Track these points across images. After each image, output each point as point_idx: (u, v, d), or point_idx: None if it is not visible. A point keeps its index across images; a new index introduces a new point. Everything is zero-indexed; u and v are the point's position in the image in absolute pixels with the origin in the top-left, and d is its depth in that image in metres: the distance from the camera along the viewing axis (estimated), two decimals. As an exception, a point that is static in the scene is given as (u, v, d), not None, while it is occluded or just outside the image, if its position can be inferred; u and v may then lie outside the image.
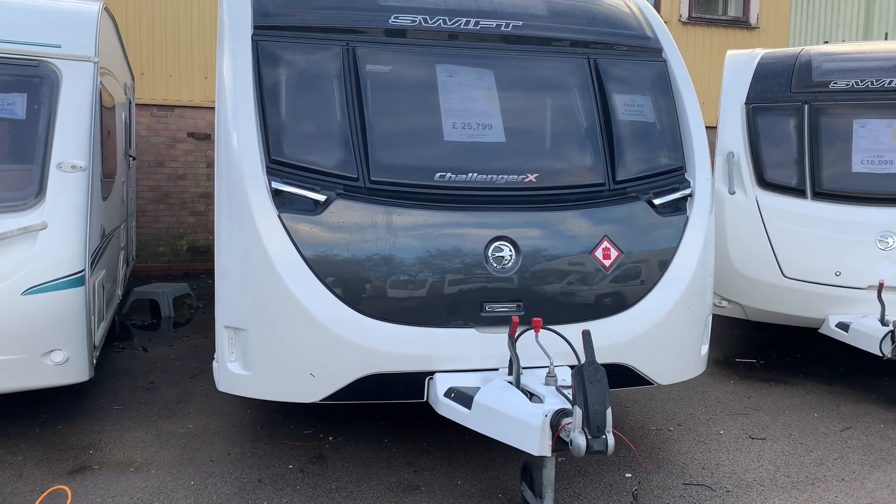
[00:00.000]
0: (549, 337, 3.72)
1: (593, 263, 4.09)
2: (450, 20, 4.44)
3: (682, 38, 13.49)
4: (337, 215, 3.85)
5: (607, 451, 2.96)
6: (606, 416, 2.97)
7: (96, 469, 4.26)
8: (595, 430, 2.94)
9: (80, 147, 4.49)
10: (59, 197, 4.31)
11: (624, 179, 4.31)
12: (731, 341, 7.67)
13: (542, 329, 3.65)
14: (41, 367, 4.21)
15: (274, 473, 4.23)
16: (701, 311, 4.41)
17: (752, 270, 6.31)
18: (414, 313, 3.88)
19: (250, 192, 3.81)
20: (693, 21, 13.61)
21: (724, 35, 13.80)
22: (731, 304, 6.51)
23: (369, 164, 3.98)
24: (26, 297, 4.09)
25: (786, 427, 5.14)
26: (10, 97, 4.51)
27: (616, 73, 4.57)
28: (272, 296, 3.79)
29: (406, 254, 3.88)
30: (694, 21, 13.62)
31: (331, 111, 4.06)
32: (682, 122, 4.56)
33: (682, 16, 13.50)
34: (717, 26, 13.81)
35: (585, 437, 2.94)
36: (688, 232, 4.32)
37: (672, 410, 5.44)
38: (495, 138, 4.25)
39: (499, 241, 3.98)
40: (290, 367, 3.82)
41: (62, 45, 4.73)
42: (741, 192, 6.43)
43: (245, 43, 4.12)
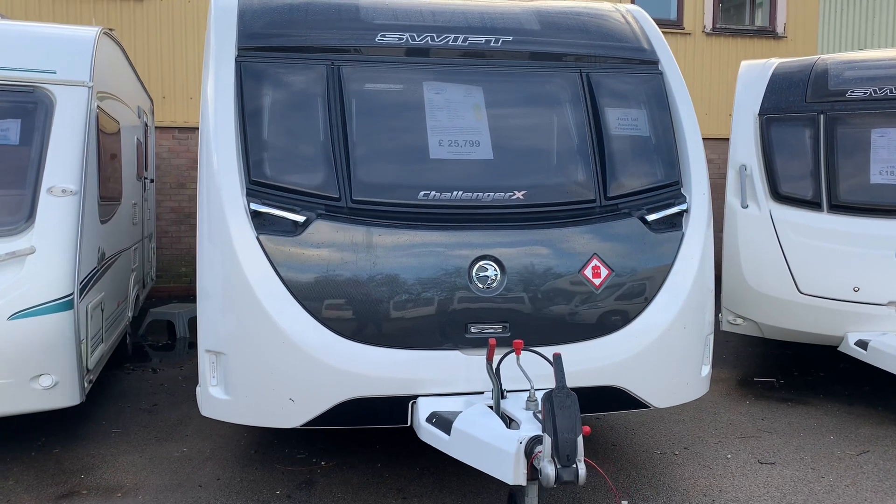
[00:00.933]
0: (535, 359, 3.61)
1: (582, 282, 3.96)
2: (438, 37, 4.37)
3: (706, 49, 13.28)
4: (316, 236, 3.79)
5: (577, 480, 2.83)
6: (577, 444, 2.84)
7: (84, 494, 4.23)
8: (564, 459, 2.81)
9: (71, 171, 4.52)
10: (49, 221, 4.33)
11: (616, 195, 4.18)
12: (751, 360, 7.43)
13: (525, 351, 3.53)
14: (29, 392, 4.21)
15: (260, 499, 4.16)
16: (700, 331, 4.25)
17: (767, 286, 6.09)
18: (396, 336, 3.79)
19: (228, 214, 3.78)
20: (717, 32, 13.38)
21: (749, 45, 13.54)
22: (746, 321, 6.29)
23: (351, 184, 3.92)
24: (13, 321, 4.10)
25: (798, 451, 4.92)
26: (5, 123, 4.56)
27: (609, 86, 4.45)
28: (250, 319, 3.73)
29: (387, 275, 3.80)
30: (718, 32, 13.39)
31: (313, 131, 4.01)
32: (678, 136, 4.42)
33: (706, 27, 13.29)
34: (742, 36, 13.56)
35: (555, 466, 2.82)
36: (683, 248, 4.17)
37: (680, 433, 5.25)
38: (483, 155, 4.16)
39: (483, 260, 3.88)
40: (270, 391, 3.76)
41: (57, 70, 4.78)
42: (754, 206, 6.23)
43: (229, 65, 4.10)
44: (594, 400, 4.04)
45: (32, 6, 10.54)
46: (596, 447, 4.95)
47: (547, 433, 2.85)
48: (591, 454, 4.81)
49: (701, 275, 4.20)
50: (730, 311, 6.35)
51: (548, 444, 2.83)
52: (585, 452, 3.02)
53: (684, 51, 13.25)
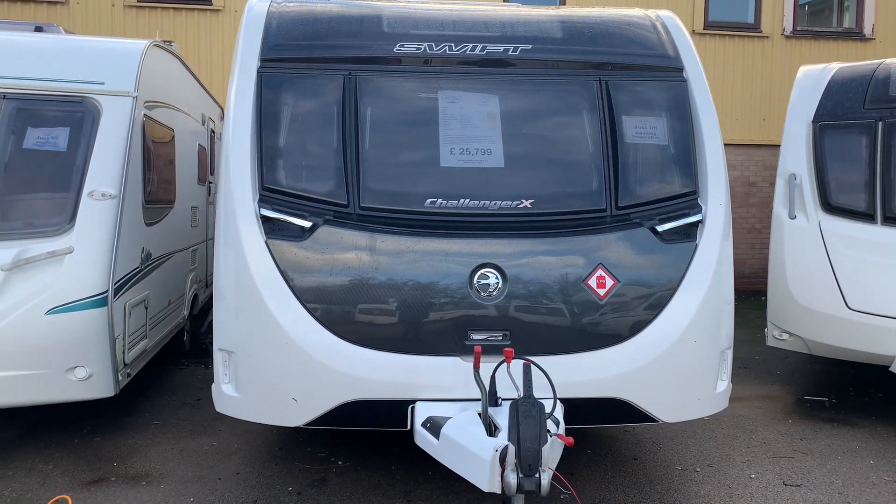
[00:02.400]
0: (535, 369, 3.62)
1: (586, 292, 3.93)
2: (456, 46, 4.42)
3: (785, 53, 12.79)
4: (322, 241, 3.91)
5: (539, 491, 2.82)
6: (540, 454, 2.83)
7: (112, 481, 4.49)
8: (526, 469, 2.80)
9: (112, 176, 4.80)
10: (88, 223, 4.61)
11: (627, 205, 4.12)
12: (806, 377, 7.13)
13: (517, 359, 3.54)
14: (65, 383, 4.50)
15: (271, 495, 4.31)
16: (714, 345, 4.13)
17: (813, 301, 5.84)
18: (396, 340, 3.86)
19: (240, 219, 3.94)
20: (798, 34, 12.88)
21: (833, 48, 12.95)
22: (792, 337, 6.04)
23: (360, 191, 4.01)
24: (49, 316, 4.39)
25: (830, 474, 4.71)
26: (55, 131, 4.89)
27: (628, 94, 4.39)
28: (257, 321, 3.88)
29: (389, 280, 3.88)
30: (799, 34, 12.88)
31: (327, 140, 4.13)
32: (697, 145, 4.32)
33: (786, 29, 12.81)
34: (825, 39, 13.00)
35: (517, 476, 2.82)
36: (696, 260, 4.07)
37: (708, 450, 5.11)
38: (493, 164, 4.18)
39: (485, 268, 3.90)
40: (275, 391, 3.89)
41: (105, 81, 5.09)
42: (802, 217, 5.98)
43: (251, 75, 4.26)
44: (598, 411, 4.01)
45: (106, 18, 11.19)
46: (616, 460, 4.88)
47: (511, 442, 2.85)
48: (610, 467, 4.75)
49: (716, 287, 4.09)
50: (775, 325, 6.12)
51: (511, 454, 2.84)
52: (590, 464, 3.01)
53: (761, 55, 12.81)
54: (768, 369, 7.41)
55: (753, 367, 7.53)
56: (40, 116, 4.93)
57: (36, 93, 4.96)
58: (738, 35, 12.75)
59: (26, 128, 4.87)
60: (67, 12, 11.19)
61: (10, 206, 4.69)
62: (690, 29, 12.61)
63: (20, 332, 4.35)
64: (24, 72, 5.01)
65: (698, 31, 12.62)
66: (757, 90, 12.79)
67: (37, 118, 4.92)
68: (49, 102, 4.97)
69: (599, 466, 4.77)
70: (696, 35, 12.63)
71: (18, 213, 4.67)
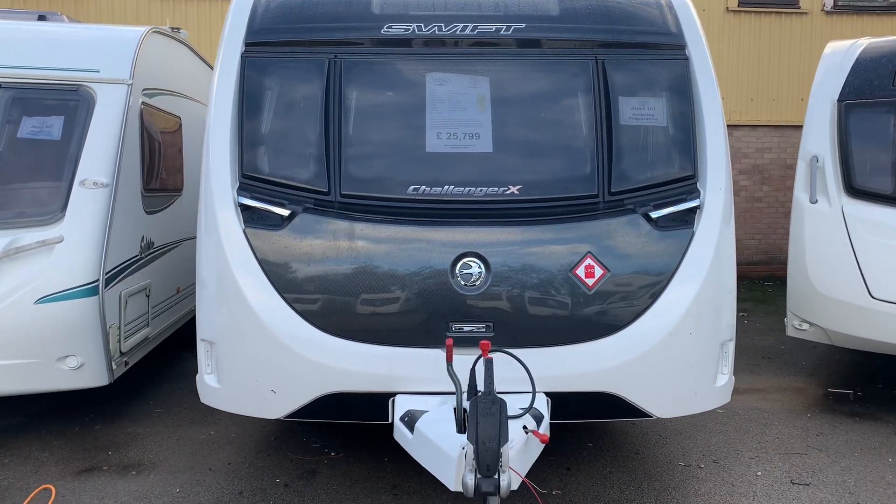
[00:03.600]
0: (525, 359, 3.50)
1: (573, 282, 3.76)
2: (446, 26, 4.26)
3: (825, 30, 12.28)
4: (300, 230, 3.81)
5: (498, 492, 2.68)
6: (501, 454, 2.69)
7: (104, 470, 4.49)
8: (484, 470, 2.67)
9: (105, 165, 4.77)
10: (78, 212, 4.60)
11: (621, 191, 3.92)
12: (834, 368, 6.84)
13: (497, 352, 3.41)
14: (57, 372, 4.50)
15: (258, 486, 4.25)
16: (712, 337, 3.93)
17: (835, 290, 5.56)
18: (376, 332, 3.75)
19: (218, 207, 3.86)
20: (839, 10, 12.34)
21: (878, 25, 12.39)
22: (813, 327, 5.77)
23: (341, 178, 3.90)
24: (39, 305, 4.39)
25: (844, 472, 4.47)
26: (50, 120, 4.88)
27: (626, 74, 4.18)
28: (235, 311, 3.81)
29: (368, 270, 3.76)
30: (840, 10, 12.35)
31: (309, 126, 4.01)
32: (698, 127, 4.09)
33: (826, 5, 12.29)
34: (869, 14, 12.43)
35: (474, 476, 2.69)
36: (693, 248, 3.86)
37: (716, 445, 4.90)
38: (481, 149, 4.03)
39: (467, 257, 3.76)
40: (253, 382, 3.82)
41: (100, 69, 5.05)
42: (824, 201, 5.68)
43: (234, 60, 4.16)
44: (587, 406, 3.85)
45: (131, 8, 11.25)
46: (618, 454, 4.71)
47: (469, 441, 2.72)
48: (610, 461, 4.59)
49: (714, 277, 3.89)
50: (795, 315, 5.85)
51: (470, 453, 2.71)
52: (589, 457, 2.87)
53: (800, 32, 12.32)
54: (793, 360, 7.13)
55: (778, 357, 7.25)
56: (36, 105, 4.92)
57: (32, 82, 4.95)
58: (774, 12, 12.28)
59: (22, 117, 4.86)
60: (95, 3, 11.28)
61: (4, 195, 4.69)
62: (724, 6, 12.19)
63: (10, 322, 4.36)
64: (20, 60, 5.00)
65: (732, 8, 12.18)
66: (795, 69, 12.31)
67: (32, 107, 4.91)
68: (45, 91, 4.96)
69: (599, 461, 4.61)
70: (729, 13, 12.21)
71: (12, 203, 4.68)
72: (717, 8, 12.25)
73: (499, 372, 3.51)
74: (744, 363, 7.02)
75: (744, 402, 5.79)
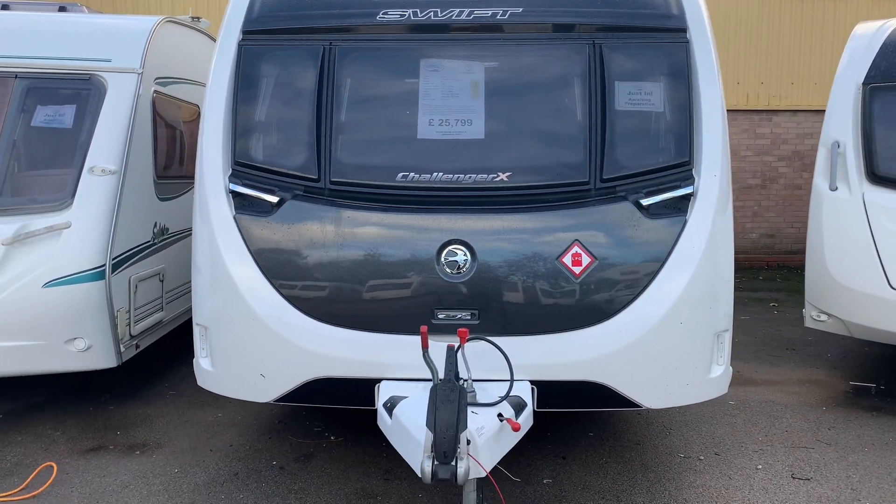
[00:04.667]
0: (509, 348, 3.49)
1: (560, 270, 3.72)
2: (441, 12, 4.22)
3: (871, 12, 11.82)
4: (289, 217, 3.84)
5: (455, 480, 2.68)
6: (458, 441, 2.69)
7: (109, 449, 4.62)
8: (441, 456, 2.67)
9: (113, 152, 4.89)
10: (86, 198, 4.72)
11: (613, 177, 3.85)
12: (858, 361, 6.63)
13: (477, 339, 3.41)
14: (65, 353, 4.64)
15: (253, 468, 4.33)
16: (705, 327, 3.84)
17: (854, 280, 5.38)
18: (362, 318, 3.77)
19: (210, 194, 3.92)
20: (887, -10, 11.86)
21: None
22: (831, 318, 5.60)
23: (331, 165, 3.92)
24: (46, 289, 4.53)
25: (850, 468, 4.34)
26: (63, 109, 5.02)
27: (624, 58, 4.10)
28: (226, 296, 3.87)
29: (355, 256, 3.78)
30: (888, -10, 11.87)
31: (302, 114, 4.04)
32: (695, 112, 3.99)
33: (873, -15, 11.82)
34: (919, -6, 11.93)
35: (432, 463, 2.69)
36: (685, 236, 3.78)
37: (721, 436, 4.81)
38: (473, 135, 4.00)
39: (452, 244, 3.75)
40: (243, 366, 3.88)
41: (112, 58, 5.17)
42: (844, 188, 5.49)
43: (231, 47, 4.21)
44: (575, 395, 3.81)
45: None
46: (617, 444, 4.66)
47: (428, 428, 2.72)
48: (608, 451, 4.54)
49: (708, 265, 3.80)
50: (813, 306, 5.68)
51: (428, 440, 2.71)
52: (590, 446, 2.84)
53: (844, 13, 11.90)
54: (818, 352, 6.94)
55: (803, 349, 7.06)
56: (50, 94, 5.06)
57: (46, 71, 5.09)
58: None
59: (36, 106, 5.01)
60: (128, -8, 11.51)
61: (18, 182, 4.85)
62: (764, -12, 11.84)
63: (19, 305, 4.50)
64: (36, 51, 5.14)
65: (773, -11, 11.82)
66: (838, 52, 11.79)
67: (46, 96, 5.05)
68: (59, 80, 5.10)
69: (597, 450, 4.57)
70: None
71: (25, 189, 4.83)
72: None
73: (484, 360, 3.52)
74: (766, 354, 6.87)
75: (758, 394, 5.67)
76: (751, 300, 9.45)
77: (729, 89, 12.06)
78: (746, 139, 12.15)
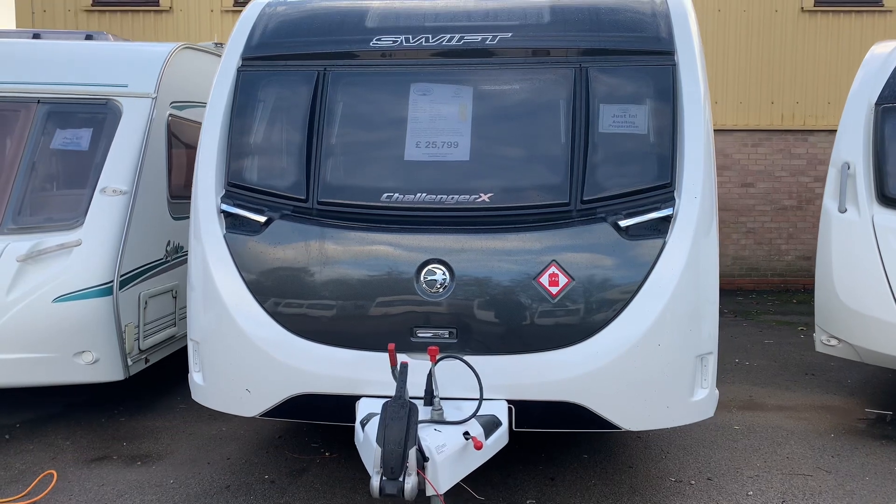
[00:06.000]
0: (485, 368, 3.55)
1: (537, 291, 3.75)
2: (433, 37, 4.34)
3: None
4: (275, 236, 3.97)
5: (403, 495, 2.72)
6: (407, 458, 2.74)
7: (113, 459, 4.79)
8: (389, 472, 2.72)
9: (125, 173, 5.10)
10: (97, 217, 4.93)
11: (593, 199, 3.88)
12: (878, 387, 6.46)
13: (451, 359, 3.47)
14: (73, 366, 4.84)
15: (245, 481, 4.44)
16: (686, 350, 3.82)
17: (863, 304, 5.26)
18: (344, 335, 3.86)
19: (202, 213, 4.08)
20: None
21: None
22: (841, 343, 5.47)
23: (319, 187, 4.04)
24: (56, 304, 4.74)
25: (846, 496, 4.24)
26: (80, 132, 5.27)
27: (609, 81, 4.14)
28: (215, 313, 4.00)
29: (337, 275, 3.88)
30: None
31: (294, 137, 4.17)
32: (678, 134, 4.00)
33: (913, 2, 11.56)
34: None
35: (380, 479, 2.74)
36: (664, 259, 3.77)
37: (718, 461, 4.74)
38: (458, 157, 4.08)
39: (432, 264, 3.81)
40: (231, 381, 4.01)
41: (129, 84, 5.41)
42: (853, 210, 5.39)
43: (230, 73, 4.39)
44: (552, 415, 3.83)
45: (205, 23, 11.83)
46: (609, 466, 4.63)
47: (378, 444, 2.78)
48: (598, 473, 4.52)
49: (687, 288, 3.79)
50: (823, 330, 5.57)
51: (377, 455, 2.77)
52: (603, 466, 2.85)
53: (883, 32, 11.64)
54: (838, 378, 6.77)
55: (823, 374, 6.90)
56: (69, 118, 5.32)
57: (67, 96, 5.35)
58: (855, 11, 11.67)
59: (56, 129, 5.26)
60: (172, 20, 11.97)
61: (37, 201, 5.09)
62: (799, 7, 11.68)
63: (30, 318, 4.72)
64: (58, 77, 5.42)
65: (808, 8, 11.66)
66: (877, 70, 11.62)
67: (66, 120, 5.31)
68: (78, 105, 5.35)
69: (587, 472, 4.55)
70: (805, 13, 11.69)
71: (42, 208, 5.08)
72: (791, 8, 11.76)
73: (463, 378, 3.58)
74: (783, 379, 6.73)
75: (766, 420, 5.56)
76: (779, 323, 9.26)
77: (763, 109, 11.91)
78: (781, 159, 11.95)
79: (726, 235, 11.90)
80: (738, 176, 12.00)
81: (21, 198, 5.02)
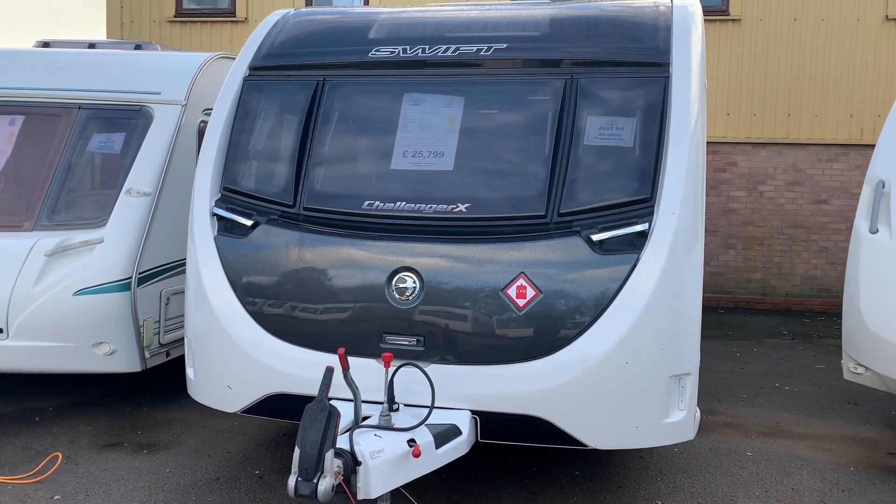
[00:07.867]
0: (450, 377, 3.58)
1: (504, 302, 3.73)
2: (430, 48, 4.40)
3: None
4: (259, 240, 4.11)
5: (316, 496, 2.77)
6: (322, 460, 2.78)
7: (124, 447, 5.05)
8: (304, 473, 2.77)
9: (151, 175, 5.39)
10: (120, 217, 5.23)
11: (570, 212, 3.84)
12: (922, 421, 6.03)
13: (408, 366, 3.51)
14: (91, 356, 5.14)
15: (235, 475, 4.59)
16: (657, 369, 3.71)
17: (890, 331, 4.94)
18: (317, 338, 3.95)
19: (196, 215, 4.27)
20: None
21: None
22: (868, 371, 5.16)
23: (305, 193, 4.16)
24: (77, 296, 5.05)
25: (840, 533, 4.01)
26: (114, 136, 5.60)
27: (599, 93, 4.09)
28: (203, 311, 4.18)
29: (313, 279, 3.98)
30: None
31: (288, 144, 4.32)
32: (664, 148, 3.90)
33: None
34: None
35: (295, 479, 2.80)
36: (636, 275, 3.68)
37: (716, 488, 4.56)
38: (442, 167, 4.12)
39: (403, 272, 3.86)
40: (215, 378, 4.17)
41: (161, 91, 5.72)
42: (885, 231, 5.08)
43: (237, 82, 4.58)
44: (516, 428, 3.80)
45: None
46: (596, 486, 4.54)
47: (297, 445, 2.85)
48: (584, 492, 4.44)
49: (662, 305, 3.68)
50: (850, 357, 5.27)
51: (295, 456, 2.83)
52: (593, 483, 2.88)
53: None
54: (881, 408, 6.37)
55: (867, 403, 6.51)
56: (106, 123, 5.67)
57: (105, 103, 5.70)
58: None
59: (93, 133, 5.62)
60: (249, 30, 12.46)
61: (69, 200, 5.44)
62: (883, 15, 11.06)
63: (53, 309, 5.04)
64: (99, 85, 5.78)
65: (893, 16, 11.01)
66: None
67: (103, 125, 5.66)
68: (115, 111, 5.70)
69: (572, 490, 4.47)
70: (889, 21, 11.05)
71: (73, 207, 5.42)
72: (874, 16, 11.13)
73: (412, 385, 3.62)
74: (821, 406, 6.39)
75: (785, 448, 5.31)
76: (836, 348, 8.76)
77: (840, 122, 11.33)
78: (859, 175, 11.30)
79: (796, 254, 11.38)
80: (811, 192, 11.45)
81: (56, 197, 5.38)
